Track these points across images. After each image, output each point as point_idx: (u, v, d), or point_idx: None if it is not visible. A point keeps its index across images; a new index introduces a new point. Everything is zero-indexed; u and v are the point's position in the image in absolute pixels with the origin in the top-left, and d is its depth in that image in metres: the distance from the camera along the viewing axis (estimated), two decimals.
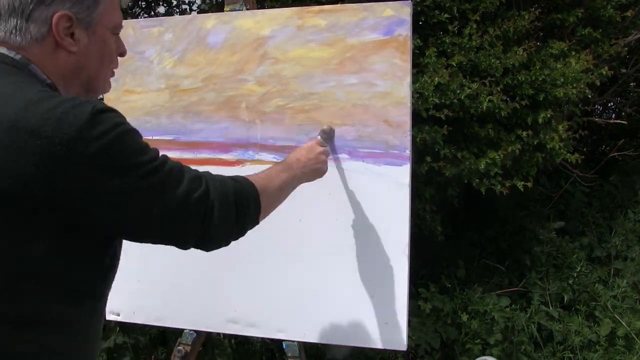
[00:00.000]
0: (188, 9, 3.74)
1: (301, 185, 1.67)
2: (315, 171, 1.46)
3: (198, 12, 3.57)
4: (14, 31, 0.95)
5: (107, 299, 1.05)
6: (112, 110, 0.91)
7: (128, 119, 1.80)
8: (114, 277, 1.03)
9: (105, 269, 0.99)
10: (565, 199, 3.86)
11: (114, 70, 1.12)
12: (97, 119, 0.87)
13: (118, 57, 1.11)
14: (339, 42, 1.64)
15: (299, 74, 1.67)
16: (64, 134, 0.84)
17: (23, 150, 0.83)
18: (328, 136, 1.62)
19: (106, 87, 1.10)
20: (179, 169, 1.01)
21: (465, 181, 2.76)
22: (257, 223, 1.18)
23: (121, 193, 0.89)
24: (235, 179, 1.12)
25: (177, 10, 3.79)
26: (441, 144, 2.63)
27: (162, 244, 1.01)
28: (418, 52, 2.66)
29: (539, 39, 3.19)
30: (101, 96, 1.90)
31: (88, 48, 1.00)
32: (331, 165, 1.65)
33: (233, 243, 1.73)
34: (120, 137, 0.89)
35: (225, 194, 1.05)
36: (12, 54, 0.95)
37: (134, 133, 0.94)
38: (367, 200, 1.63)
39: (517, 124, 2.83)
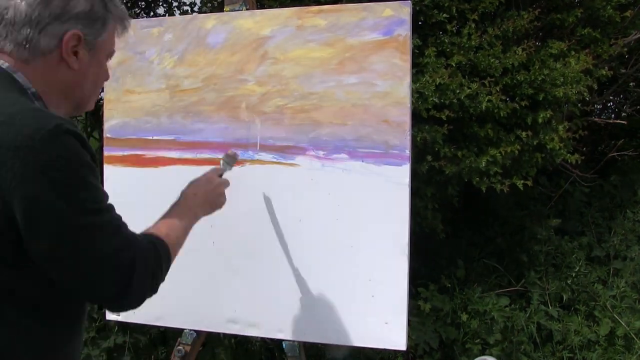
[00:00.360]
0: (189, 10, 3.73)
1: (300, 186, 1.67)
2: (212, 204, 1.40)
3: (199, 12, 3.57)
4: (23, 42, 0.98)
5: (79, 316, 1.05)
6: (80, 139, 0.92)
7: (128, 119, 1.82)
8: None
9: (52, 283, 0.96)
10: (565, 199, 3.86)
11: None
12: (60, 137, 0.88)
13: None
14: (339, 42, 1.64)
15: (299, 74, 1.68)
16: (23, 136, 0.85)
17: None
18: (232, 160, 1.54)
19: (89, 105, 1.14)
20: (117, 224, 0.98)
21: (466, 179, 2.77)
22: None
23: (58, 218, 0.88)
24: (154, 243, 1.08)
25: (178, 11, 3.79)
26: (441, 143, 2.64)
27: (72, 287, 0.97)
28: (417, 51, 2.66)
29: (538, 39, 3.20)
30: (101, 97, 1.90)
31: (87, 68, 1.05)
32: (331, 165, 1.65)
33: (234, 243, 1.74)
34: (77, 164, 0.90)
35: (146, 262, 1.00)
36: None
37: (91, 168, 0.94)
38: (366, 200, 1.63)
39: (516, 124, 2.83)
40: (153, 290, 1.05)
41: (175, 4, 3.82)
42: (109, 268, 0.93)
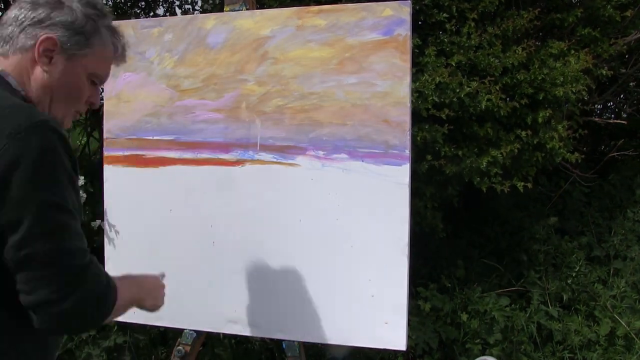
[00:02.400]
0: (191, 9, 3.73)
1: (300, 186, 1.67)
2: (155, 299, 1.36)
3: (200, 12, 3.57)
4: (6, 39, 1.10)
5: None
6: (63, 141, 0.99)
7: (129, 120, 1.82)
8: None
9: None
10: (565, 199, 3.86)
11: (78, 112, 1.20)
12: (42, 130, 0.96)
13: (86, 104, 1.20)
14: (339, 42, 1.64)
15: (299, 74, 1.68)
16: (13, 126, 0.94)
17: None
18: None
19: (64, 122, 1.17)
20: (79, 234, 1.00)
21: (466, 179, 2.76)
22: (98, 325, 1.12)
23: (26, 202, 0.93)
24: (110, 280, 1.06)
25: (181, 10, 3.78)
26: (441, 142, 2.64)
27: (20, 283, 0.96)
28: (417, 51, 2.66)
29: (538, 38, 3.20)
30: (101, 96, 1.90)
31: (59, 75, 1.10)
32: (331, 165, 1.65)
33: (234, 243, 1.74)
34: (52, 158, 0.96)
35: (98, 282, 1.02)
36: None
37: (65, 170, 0.98)
38: (366, 200, 1.63)
39: (516, 123, 2.83)
40: (95, 317, 1.03)
41: (176, 3, 3.82)
42: (58, 265, 0.95)
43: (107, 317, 1.06)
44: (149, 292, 1.34)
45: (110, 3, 3.51)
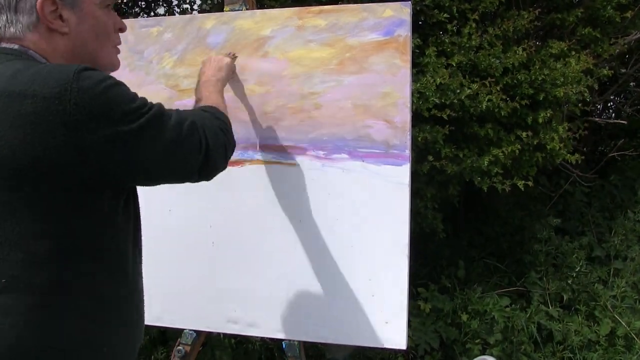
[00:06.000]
0: (189, 9, 3.73)
1: (301, 186, 1.67)
2: (221, 68, 1.53)
3: (199, 12, 3.56)
4: (7, 25, 1.00)
5: (138, 267, 1.13)
6: (97, 70, 0.95)
7: None
8: (135, 236, 1.10)
9: (121, 227, 1.02)
10: (565, 199, 3.86)
11: (118, 46, 1.14)
12: (82, 75, 0.90)
13: (119, 33, 1.13)
14: (339, 43, 1.64)
15: (299, 74, 1.67)
16: (52, 89, 0.87)
17: (17, 113, 0.86)
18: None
19: (114, 64, 1.13)
20: (164, 109, 1.04)
21: (467, 179, 2.76)
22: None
23: (119, 139, 0.92)
24: (203, 109, 1.22)
25: (177, 10, 3.78)
26: (442, 143, 2.64)
27: (172, 181, 1.07)
28: (418, 51, 2.66)
29: (538, 38, 3.20)
30: None
31: (79, 27, 1.03)
32: (331, 165, 1.65)
33: (233, 242, 1.74)
34: (108, 88, 0.92)
35: (206, 120, 1.13)
36: (10, 46, 1.00)
37: (120, 85, 0.96)
38: (366, 201, 1.63)
39: (516, 124, 2.83)
40: (229, 141, 1.19)
41: (175, 2, 3.81)
42: (185, 139, 1.03)
43: (229, 123, 1.25)
44: (215, 73, 1.50)
45: None
